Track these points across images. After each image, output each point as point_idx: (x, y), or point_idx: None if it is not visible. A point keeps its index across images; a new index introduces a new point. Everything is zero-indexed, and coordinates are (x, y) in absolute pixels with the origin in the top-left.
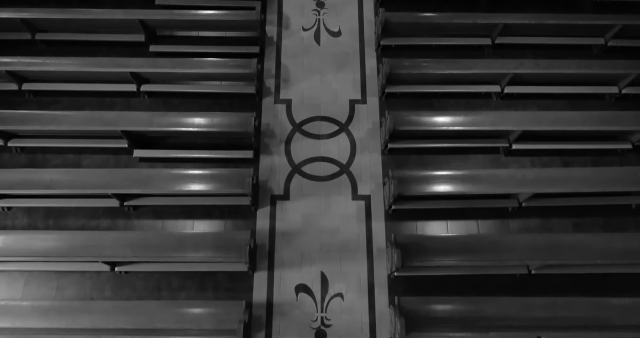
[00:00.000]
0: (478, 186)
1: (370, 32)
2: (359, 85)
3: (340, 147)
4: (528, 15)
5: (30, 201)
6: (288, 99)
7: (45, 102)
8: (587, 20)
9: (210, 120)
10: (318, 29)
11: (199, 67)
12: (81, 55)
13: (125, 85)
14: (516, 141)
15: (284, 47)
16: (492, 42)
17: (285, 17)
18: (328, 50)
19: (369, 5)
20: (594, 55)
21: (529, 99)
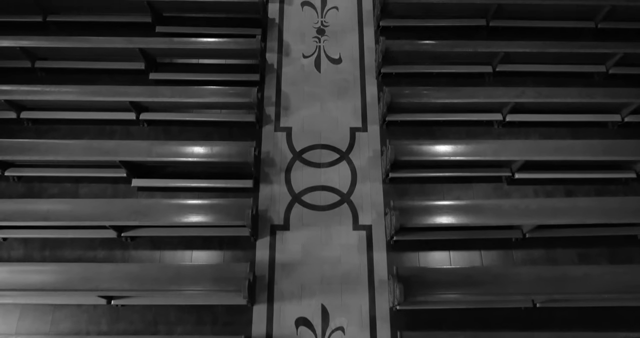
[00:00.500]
0: (481, 217)
1: (370, 59)
2: (359, 113)
3: (341, 175)
4: (529, 43)
5: (26, 232)
6: (288, 127)
7: (44, 129)
8: (588, 49)
9: (209, 150)
10: (318, 56)
11: (199, 96)
12: (81, 82)
13: (124, 114)
14: (519, 170)
15: (284, 74)
16: (493, 70)
17: (285, 44)
18: (328, 77)
19: (369, 32)
20: (595, 83)
21: (531, 127)
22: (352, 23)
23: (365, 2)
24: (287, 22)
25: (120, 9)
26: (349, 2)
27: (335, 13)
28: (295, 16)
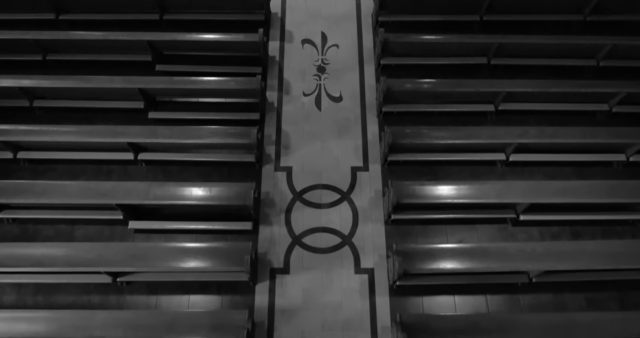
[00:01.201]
0: (486, 262)
1: (371, 97)
2: (360, 152)
3: (342, 216)
4: (531, 82)
5: (19, 277)
6: (288, 167)
7: (40, 169)
8: (591, 88)
9: (208, 192)
10: (319, 94)
11: (198, 137)
12: (79, 121)
13: (122, 154)
14: (524, 212)
15: (284, 112)
16: (495, 109)
17: (286, 83)
18: (329, 115)
19: (370, 70)
20: (598, 121)
21: (535, 166)
22: (353, 61)
23: (366, 40)
24: (287, 60)
25: (120, 47)
26: (349, 40)
27: (336, 51)
28: (296, 54)
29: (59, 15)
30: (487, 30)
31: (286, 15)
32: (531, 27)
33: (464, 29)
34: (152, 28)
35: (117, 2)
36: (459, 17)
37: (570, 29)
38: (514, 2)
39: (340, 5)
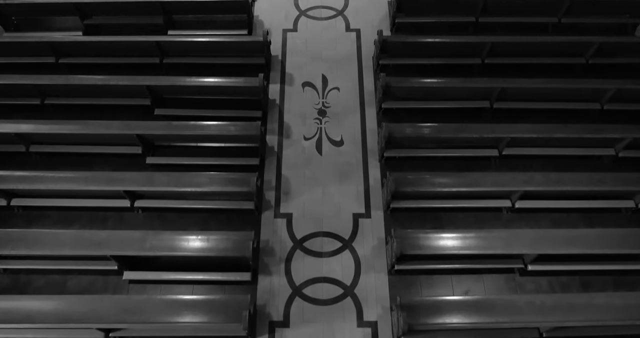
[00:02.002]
0: (494, 315)
1: (373, 141)
2: (362, 198)
3: (344, 265)
4: (535, 127)
5: (7, 332)
6: (288, 213)
7: (34, 216)
8: (596, 133)
9: (206, 242)
10: (320, 138)
11: (196, 185)
12: (76, 165)
13: (118, 201)
14: (532, 262)
15: (284, 157)
16: (499, 154)
17: (286, 126)
18: (330, 160)
19: (371, 113)
20: (604, 166)
21: (541, 213)
22: (354, 104)
23: (367, 83)
24: (287, 103)
25: (119, 91)
26: (350, 82)
27: (337, 94)
28: (296, 97)
29: (59, 58)
30: (488, 73)
31: (287, 57)
32: (533, 69)
33: (465, 72)
34: (152, 71)
35: (117, 46)
36: (461, 60)
37: (572, 72)
38: (515, 46)
39: (341, 47)
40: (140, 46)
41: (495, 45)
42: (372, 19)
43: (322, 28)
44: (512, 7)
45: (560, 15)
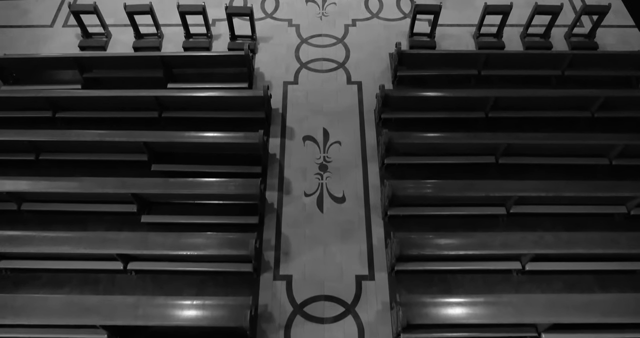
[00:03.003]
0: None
1: (376, 197)
2: (365, 259)
3: (347, 333)
4: (543, 184)
5: None
6: (288, 275)
7: (23, 278)
8: (606, 192)
9: (201, 307)
10: (321, 194)
11: (193, 248)
12: (69, 223)
13: (111, 263)
14: (546, 331)
15: (284, 214)
16: (506, 212)
17: (286, 182)
18: (332, 218)
19: (373, 169)
20: (617, 224)
21: (553, 274)
22: (356, 158)
23: (369, 136)
24: (288, 158)
25: (115, 147)
26: (351, 136)
27: (338, 148)
28: (297, 151)
29: (56, 113)
30: (493, 126)
31: (287, 110)
32: (538, 123)
33: (469, 126)
34: (151, 125)
35: (115, 100)
36: (464, 114)
37: (577, 125)
38: (519, 100)
39: (342, 100)
40: (139, 100)
41: (499, 99)
42: (374, 71)
43: (323, 80)
44: (515, 60)
45: (563, 68)
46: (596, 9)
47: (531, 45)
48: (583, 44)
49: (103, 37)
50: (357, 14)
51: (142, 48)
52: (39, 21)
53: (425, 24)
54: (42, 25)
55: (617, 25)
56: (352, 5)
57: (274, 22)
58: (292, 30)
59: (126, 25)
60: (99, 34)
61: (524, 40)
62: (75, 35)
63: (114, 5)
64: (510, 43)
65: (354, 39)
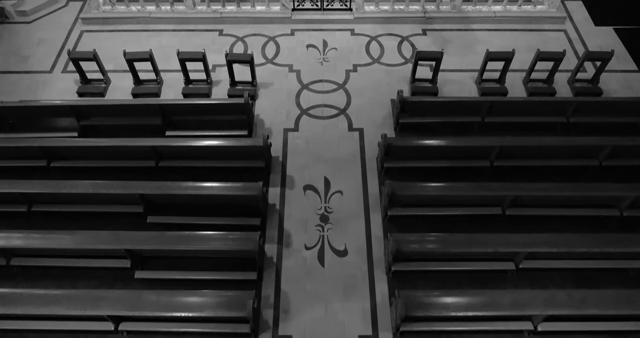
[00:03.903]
0: None
1: (379, 251)
2: (369, 317)
3: None
4: (554, 238)
5: None
6: (288, 336)
7: None
8: (620, 247)
9: None
10: (322, 247)
11: (188, 309)
12: (60, 279)
13: (102, 324)
14: None
15: (284, 269)
16: (516, 267)
17: (286, 234)
18: (333, 272)
19: (376, 220)
20: (631, 278)
21: (566, 335)
22: (358, 209)
23: (371, 186)
24: (288, 208)
25: (110, 199)
26: (353, 185)
27: (340, 198)
28: (297, 201)
29: (51, 162)
30: (498, 175)
31: (287, 159)
32: (545, 172)
33: (474, 174)
34: (147, 174)
35: (111, 150)
36: (469, 163)
37: (585, 174)
38: (525, 149)
39: (343, 148)
40: (136, 150)
41: (504, 148)
42: (375, 117)
43: (324, 127)
44: (519, 107)
45: (569, 115)
46: (599, 55)
47: (534, 91)
48: (587, 89)
49: (102, 83)
50: (358, 59)
51: (141, 94)
52: (38, 67)
53: (427, 69)
54: (41, 70)
55: (620, 70)
56: (353, 51)
57: (274, 67)
58: (292, 75)
59: (126, 70)
60: (98, 80)
61: (527, 85)
62: (74, 81)
63: (114, 50)
64: (513, 88)
65: (355, 85)
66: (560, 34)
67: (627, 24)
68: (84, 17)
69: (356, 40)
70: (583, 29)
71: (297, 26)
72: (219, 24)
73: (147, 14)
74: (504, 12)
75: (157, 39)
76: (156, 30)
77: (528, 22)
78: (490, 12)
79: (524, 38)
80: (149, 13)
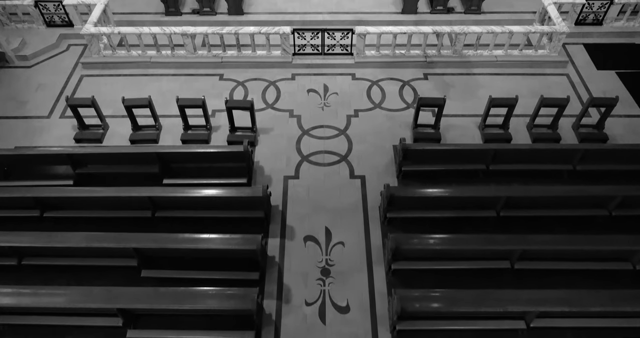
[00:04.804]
0: None
1: (383, 307)
2: None
3: None
4: (566, 294)
5: None
6: None
7: None
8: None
9: None
10: (323, 303)
11: None
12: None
13: None
14: None
15: (283, 326)
16: (527, 326)
17: (286, 289)
18: (335, 330)
19: (380, 273)
20: None
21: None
22: (361, 261)
23: (374, 237)
24: (288, 261)
25: (103, 253)
26: (355, 236)
27: (342, 249)
28: (298, 253)
29: (44, 212)
30: (505, 226)
31: (287, 207)
32: (553, 222)
33: (480, 225)
34: (143, 226)
35: (106, 200)
36: (474, 213)
37: (595, 224)
38: (532, 199)
39: (345, 196)
40: (132, 200)
41: (510, 198)
42: (377, 164)
43: (325, 174)
44: (524, 155)
45: (575, 163)
46: (603, 101)
47: (539, 137)
48: (592, 135)
49: (100, 129)
50: (359, 104)
51: (139, 140)
52: (36, 112)
53: (429, 114)
54: (39, 116)
55: (624, 115)
56: (354, 95)
57: (274, 112)
58: (293, 121)
59: (124, 116)
60: (96, 126)
61: (531, 131)
62: (72, 127)
63: (113, 95)
64: (517, 134)
65: (356, 130)
66: (562, 78)
67: (630, 68)
68: (84, 61)
69: (357, 85)
70: (585, 73)
71: (298, 70)
72: (220, 69)
73: (148, 59)
74: (505, 57)
75: (157, 84)
76: (156, 74)
77: (530, 66)
78: (491, 57)
79: (526, 82)
80: (150, 57)
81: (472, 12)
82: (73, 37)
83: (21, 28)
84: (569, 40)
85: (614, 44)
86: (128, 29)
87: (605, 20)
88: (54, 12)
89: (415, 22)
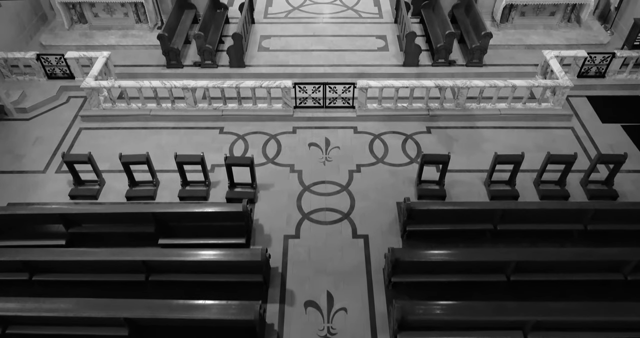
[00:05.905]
0: None
1: None
2: None
3: None
4: None
5: None
6: None
7: None
8: None
9: None
10: None
11: None
12: None
13: None
14: None
15: None
16: None
17: None
18: None
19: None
20: None
21: None
22: (364, 330)
23: (378, 303)
24: (287, 329)
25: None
26: (359, 301)
27: (344, 316)
28: (298, 320)
29: (33, 276)
30: (516, 292)
31: (287, 270)
32: (566, 287)
33: (489, 290)
34: (136, 291)
35: (98, 264)
36: (483, 277)
37: (610, 289)
38: (544, 263)
39: (348, 257)
40: (125, 263)
41: (520, 263)
42: (381, 222)
43: (327, 234)
44: (533, 215)
45: (586, 222)
46: (612, 158)
47: (546, 194)
48: (601, 192)
49: (96, 185)
50: (361, 158)
51: (135, 197)
52: (32, 167)
53: (433, 169)
54: (35, 170)
55: (634, 171)
56: (356, 149)
57: (275, 167)
58: (294, 176)
59: (121, 170)
60: (92, 181)
61: (538, 188)
62: (68, 182)
63: (112, 148)
64: (524, 190)
65: (358, 187)
66: (567, 132)
67: (635, 121)
68: (83, 114)
69: (359, 139)
70: (590, 126)
71: (299, 124)
72: (220, 122)
73: (148, 112)
74: (508, 110)
75: (156, 137)
76: (156, 127)
77: (534, 119)
78: (495, 110)
79: (530, 136)
80: (149, 110)
81: (473, 64)
82: (73, 89)
83: (22, 80)
84: (572, 93)
85: (618, 96)
86: (128, 83)
87: (607, 73)
88: (55, 65)
89: (417, 74)
